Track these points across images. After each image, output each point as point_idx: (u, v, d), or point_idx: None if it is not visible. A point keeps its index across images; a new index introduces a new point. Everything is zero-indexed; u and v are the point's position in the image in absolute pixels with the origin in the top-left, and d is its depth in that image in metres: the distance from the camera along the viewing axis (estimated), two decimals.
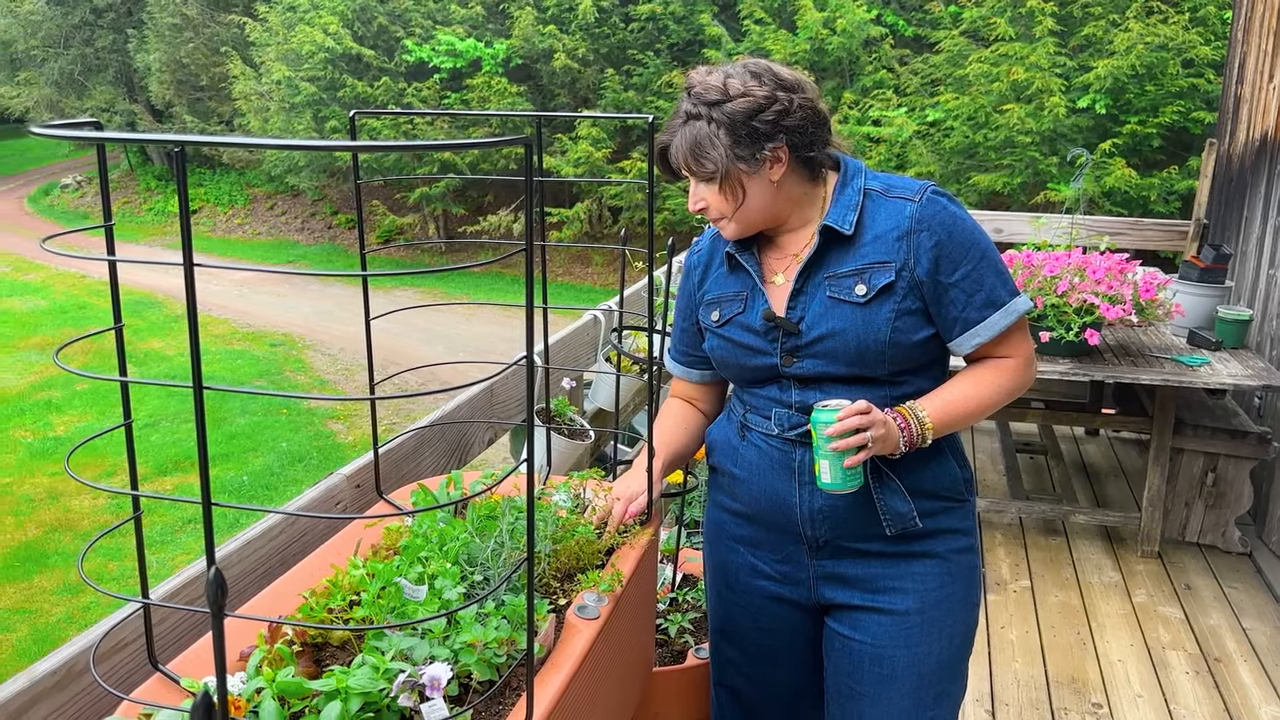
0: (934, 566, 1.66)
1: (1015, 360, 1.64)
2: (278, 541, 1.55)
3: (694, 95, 1.56)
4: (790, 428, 1.64)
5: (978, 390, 1.62)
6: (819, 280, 1.60)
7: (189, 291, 0.89)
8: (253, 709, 1.10)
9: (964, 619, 1.71)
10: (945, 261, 1.55)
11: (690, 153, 1.55)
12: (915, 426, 1.57)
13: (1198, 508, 3.94)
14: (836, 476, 1.52)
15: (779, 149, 1.55)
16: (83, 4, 21.23)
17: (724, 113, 1.53)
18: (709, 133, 1.54)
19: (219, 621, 0.84)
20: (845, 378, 1.60)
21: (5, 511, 7.19)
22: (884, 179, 1.62)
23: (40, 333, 11.87)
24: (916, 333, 1.58)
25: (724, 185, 1.56)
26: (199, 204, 20.07)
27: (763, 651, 1.81)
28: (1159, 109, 10.12)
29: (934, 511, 1.65)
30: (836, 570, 1.68)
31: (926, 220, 1.55)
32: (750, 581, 1.78)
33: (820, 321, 1.58)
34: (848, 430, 1.49)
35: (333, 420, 8.96)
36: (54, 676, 1.15)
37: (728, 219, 1.61)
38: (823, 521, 1.65)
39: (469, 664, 1.19)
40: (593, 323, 2.74)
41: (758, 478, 1.69)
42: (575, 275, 14.99)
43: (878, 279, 1.55)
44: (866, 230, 1.58)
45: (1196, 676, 3.13)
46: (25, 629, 5.75)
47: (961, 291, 1.56)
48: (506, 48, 14.35)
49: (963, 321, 1.58)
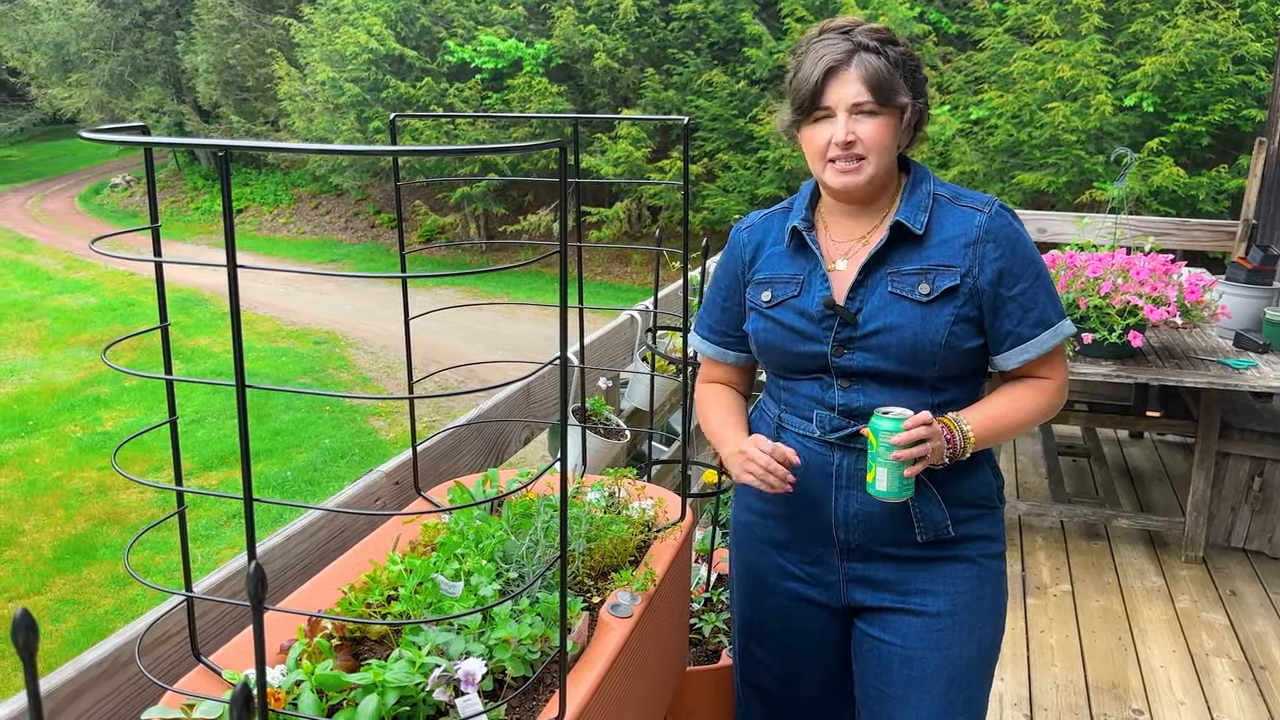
0: (966, 570, 1.67)
1: (1053, 383, 1.66)
2: (318, 537, 1.57)
3: (860, 31, 1.56)
4: (832, 430, 1.64)
5: (1017, 408, 1.64)
6: (881, 275, 1.60)
7: (232, 292, 0.91)
8: (292, 701, 1.12)
9: (993, 624, 1.71)
10: (1007, 275, 1.57)
11: (881, 79, 1.54)
12: (959, 439, 1.57)
13: (1244, 512, 3.88)
14: (893, 485, 1.53)
15: (920, 108, 1.60)
16: (132, 6, 21.60)
17: (898, 54, 1.56)
18: (888, 66, 1.55)
19: (259, 614, 0.85)
20: (892, 376, 1.60)
21: (55, 505, 7.35)
22: (951, 187, 1.64)
23: (90, 329, 12.10)
24: (969, 340, 1.59)
25: (901, 122, 1.58)
26: (245, 203, 20.34)
27: (791, 652, 1.81)
28: (1208, 107, 9.95)
29: (967, 519, 1.66)
30: (867, 573, 1.68)
31: (995, 232, 1.57)
32: (779, 583, 1.77)
33: (878, 315, 1.58)
34: (914, 440, 1.50)
35: (374, 417, 9.05)
36: (100, 666, 1.18)
37: (872, 160, 1.58)
38: (857, 526, 1.65)
39: (503, 660, 1.21)
40: (629, 323, 2.75)
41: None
42: (614, 274, 15.02)
43: (942, 281, 1.57)
44: (934, 233, 1.59)
45: (1240, 684, 3.09)
46: (74, 620, 5.87)
47: (1018, 306, 1.58)
48: (547, 48, 14.40)
49: (1014, 336, 1.60)
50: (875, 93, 1.54)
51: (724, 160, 13.62)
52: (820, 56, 1.56)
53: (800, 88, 1.58)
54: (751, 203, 13.05)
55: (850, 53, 1.54)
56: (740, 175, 13.37)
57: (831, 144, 1.57)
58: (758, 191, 12.99)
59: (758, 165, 13.21)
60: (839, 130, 1.56)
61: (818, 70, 1.55)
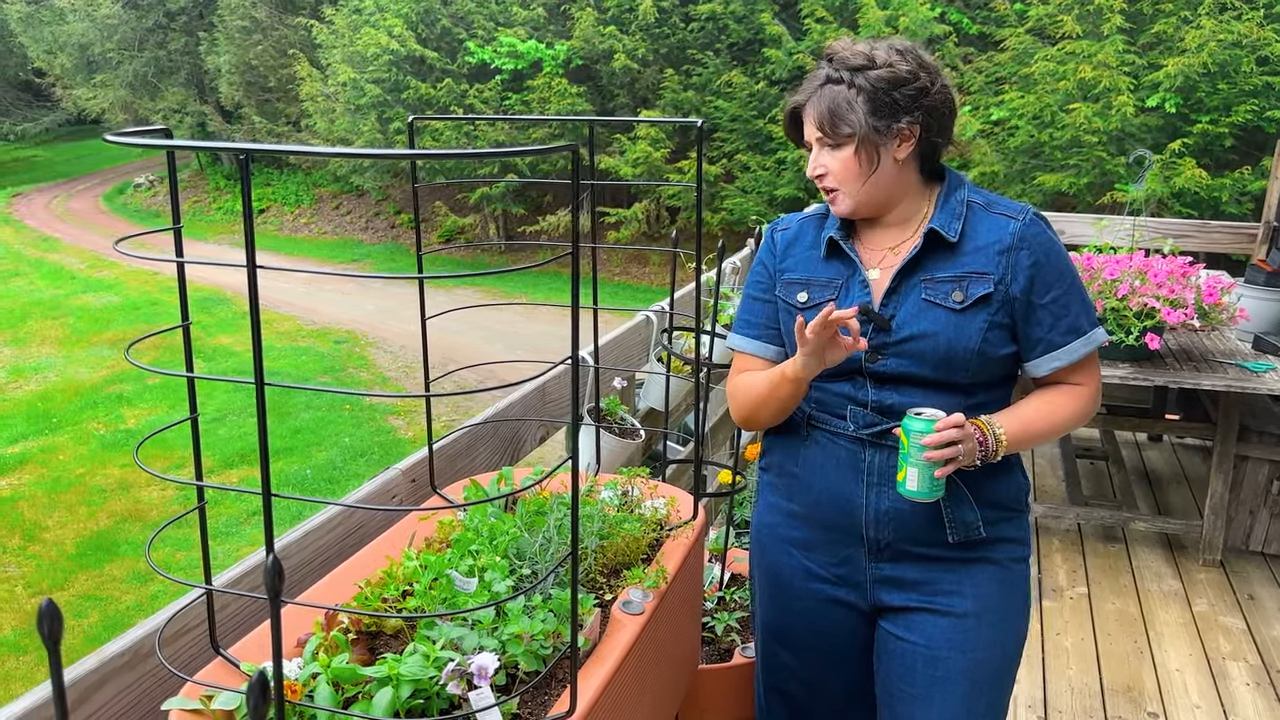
0: (993, 572, 1.67)
1: (1086, 389, 1.67)
2: (336, 533, 1.60)
3: (836, 61, 1.59)
4: (865, 426, 1.65)
5: (1050, 412, 1.65)
6: (915, 282, 1.61)
7: (252, 292, 0.93)
8: (309, 693, 1.14)
9: (1017, 628, 1.72)
10: (1040, 283, 1.58)
11: (828, 114, 1.58)
12: (991, 442, 1.59)
13: (1262, 516, 3.86)
14: (924, 485, 1.54)
15: (912, 126, 1.58)
16: (156, 8, 21.78)
17: (867, 79, 1.56)
18: (848, 97, 1.57)
19: (276, 607, 0.88)
20: (926, 381, 1.61)
21: (78, 502, 7.43)
22: (985, 194, 1.65)
23: (113, 328, 12.21)
24: (1002, 347, 1.61)
25: (858, 151, 1.58)
26: (267, 203, 20.49)
27: (817, 655, 1.81)
28: (1231, 108, 9.88)
29: (996, 520, 1.67)
30: (895, 573, 1.69)
31: (1029, 240, 1.58)
32: (804, 585, 1.77)
33: (912, 322, 1.60)
34: (946, 441, 1.51)
35: (393, 416, 9.11)
36: (123, 657, 1.20)
37: (845, 191, 1.63)
38: (888, 524, 1.65)
39: (516, 655, 1.23)
40: (645, 323, 2.77)
41: (820, 478, 1.70)
42: (633, 275, 15.04)
43: (976, 289, 1.58)
44: (968, 240, 1.61)
45: (1257, 688, 3.07)
46: (96, 615, 5.93)
47: (1049, 314, 1.60)
48: (567, 49, 14.43)
49: (1046, 343, 1.61)
50: (824, 127, 1.59)
51: (743, 161, 13.61)
52: (797, 92, 1.65)
53: (784, 125, 1.69)
54: (770, 203, 13.05)
55: (818, 87, 1.60)
56: (759, 176, 13.36)
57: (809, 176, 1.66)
58: (776, 192, 12.98)
59: (776, 166, 13.20)
60: (809, 164, 1.66)
61: (788, 110, 1.66)
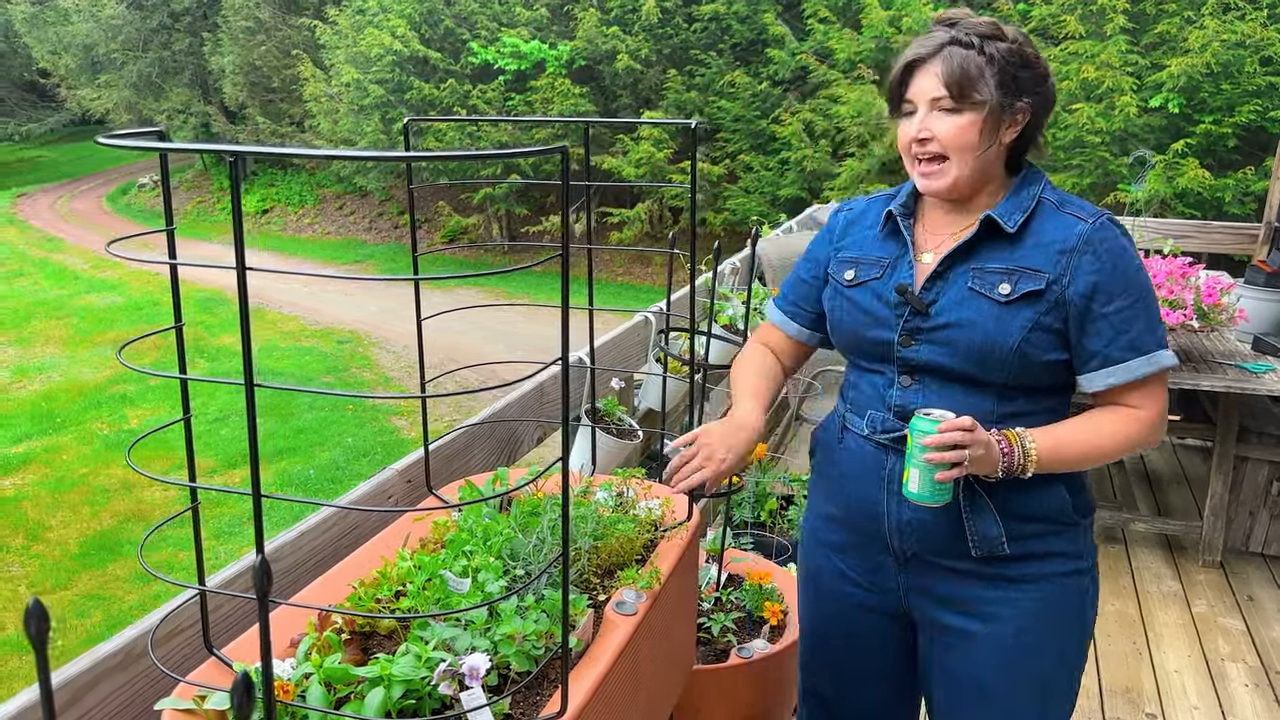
0: (1032, 592, 1.59)
1: (1145, 414, 1.54)
2: (331, 533, 1.60)
3: (963, 25, 1.51)
4: (882, 430, 1.61)
5: (1096, 436, 1.54)
6: (964, 269, 1.54)
7: (241, 294, 0.93)
8: (300, 693, 1.15)
9: (1065, 645, 1.62)
10: (1102, 291, 1.48)
11: (961, 74, 1.48)
12: (1018, 456, 1.50)
13: (1262, 517, 3.85)
14: (924, 488, 1.48)
15: (1026, 111, 1.52)
16: (160, 9, 21.83)
17: (998, 49, 1.49)
18: (979, 63, 1.48)
19: (264, 607, 0.88)
20: (957, 376, 1.55)
21: (81, 501, 7.44)
22: (1061, 194, 1.57)
23: (116, 328, 12.24)
24: (1046, 353, 1.51)
25: (985, 121, 1.49)
26: (271, 204, 20.54)
27: (852, 660, 1.78)
28: (1235, 108, 9.87)
29: (1035, 534, 1.58)
30: (925, 584, 1.64)
31: (1095, 244, 1.49)
32: (839, 589, 1.74)
33: (952, 309, 1.53)
34: (946, 444, 1.44)
35: (396, 416, 9.12)
36: (115, 658, 1.21)
37: (955, 161, 1.52)
38: (910, 534, 1.60)
39: (508, 655, 1.23)
40: (643, 324, 2.77)
41: (850, 482, 1.67)
42: (635, 275, 15.05)
43: (1025, 284, 1.50)
44: (1029, 236, 1.53)
45: (1256, 689, 3.07)
46: (99, 615, 5.95)
47: (1110, 325, 1.49)
48: (570, 49, 14.45)
49: (1102, 357, 1.51)
50: (952, 88, 1.48)
51: (746, 161, 13.62)
52: (911, 49, 1.53)
53: (889, 80, 1.57)
54: (773, 203, 13.05)
55: (941, 46, 1.50)
56: (762, 176, 13.37)
57: (911, 139, 1.54)
58: (779, 193, 12.98)
59: (780, 166, 13.21)
60: (913, 125, 1.53)
61: (901, 63, 1.53)
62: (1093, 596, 1.65)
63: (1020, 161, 1.60)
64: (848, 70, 12.53)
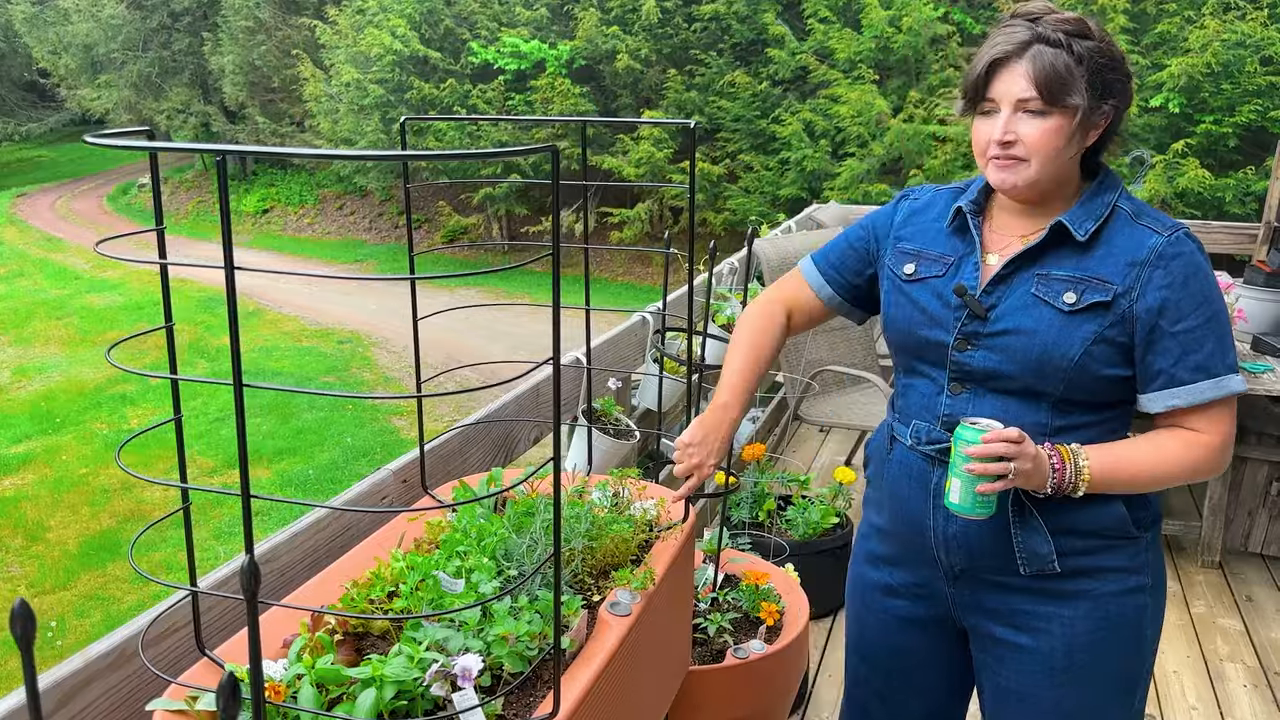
0: (1085, 609, 1.53)
1: (1211, 439, 1.46)
2: (324, 534, 1.60)
3: (1047, 21, 1.41)
4: (928, 441, 1.55)
5: (1157, 458, 1.46)
6: (1028, 275, 1.48)
7: (229, 292, 0.93)
8: (292, 694, 1.14)
9: (1122, 664, 1.56)
10: (1172, 308, 1.41)
11: (1052, 76, 1.39)
12: (1070, 473, 1.44)
13: (1261, 517, 3.85)
14: (965, 500, 1.43)
15: (1110, 113, 1.44)
16: (160, 8, 21.84)
17: (1085, 48, 1.40)
18: (1068, 63, 1.39)
19: (253, 607, 0.88)
20: (1011, 386, 1.48)
21: (82, 502, 7.45)
22: (1138, 204, 1.49)
23: (117, 328, 12.24)
24: (1108, 367, 1.45)
25: (1080, 124, 1.41)
26: (271, 204, 20.55)
27: (896, 673, 1.74)
28: (1236, 108, 9.88)
29: (1089, 550, 1.51)
30: (975, 599, 1.60)
31: (1168, 258, 1.42)
32: (885, 601, 1.71)
33: (1012, 315, 1.47)
34: (990, 455, 1.39)
35: (396, 416, 9.12)
36: (107, 658, 1.21)
37: (1037, 164, 1.44)
38: (957, 549, 1.55)
39: (501, 656, 1.23)
40: (641, 324, 2.77)
41: (897, 495, 1.62)
42: (636, 276, 15.05)
43: (1092, 295, 1.43)
44: (1100, 245, 1.45)
45: (1255, 690, 3.07)
46: (99, 615, 5.95)
47: (1178, 344, 1.42)
48: (570, 49, 14.45)
49: (1167, 376, 1.44)
50: (1043, 90, 1.40)
51: (746, 161, 13.62)
52: (993, 45, 1.44)
53: (968, 76, 1.48)
54: (773, 203, 13.06)
55: (1026, 44, 1.41)
56: (762, 176, 13.37)
57: (991, 141, 1.46)
58: (780, 193, 12.98)
59: (780, 166, 13.21)
60: (998, 128, 1.44)
61: (984, 60, 1.44)
62: (1153, 614, 1.57)
63: (1095, 163, 1.53)
64: (848, 70, 12.53)
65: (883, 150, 11.90)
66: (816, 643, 3.16)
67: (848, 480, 3.25)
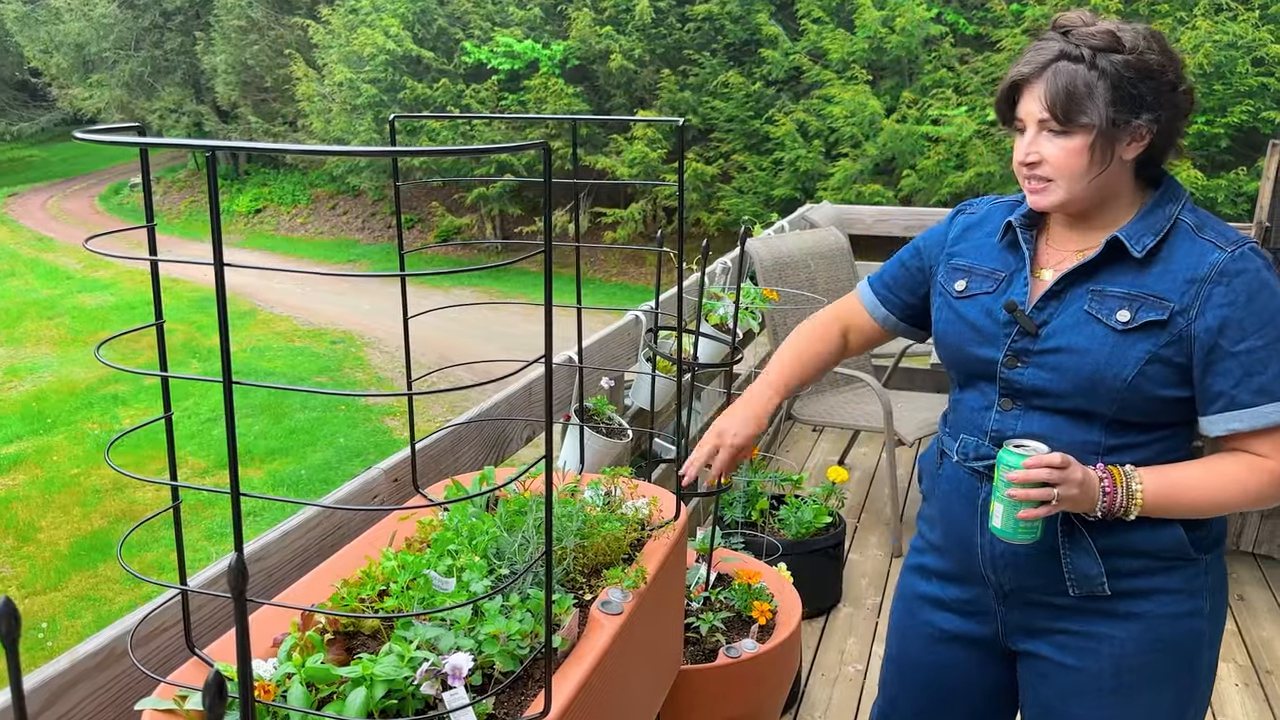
0: (1136, 630, 1.47)
1: (1276, 465, 1.39)
2: (315, 533, 1.59)
3: (1075, 35, 1.38)
4: (975, 457, 1.52)
5: (1215, 483, 1.40)
6: (1082, 291, 1.43)
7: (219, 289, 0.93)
8: (282, 693, 1.14)
9: (1173, 690, 1.50)
10: (1234, 326, 1.35)
11: (1065, 96, 1.36)
12: (1121, 497, 1.39)
13: (1253, 516, 3.86)
14: (1008, 525, 1.40)
15: (1150, 126, 1.37)
16: (152, 7, 21.78)
17: (1112, 63, 1.35)
18: (1088, 79, 1.35)
19: (241, 606, 0.87)
20: (1064, 404, 1.44)
21: (73, 502, 7.42)
22: (1202, 216, 1.43)
23: (109, 328, 12.21)
24: (1164, 388, 1.39)
25: (1095, 144, 1.37)
26: (263, 203, 20.51)
27: (935, 690, 1.70)
28: (1227, 108, 9.91)
29: (1142, 570, 1.46)
30: (1026, 619, 1.55)
31: (1230, 275, 1.35)
32: (932, 613, 1.67)
33: (1064, 333, 1.42)
34: (1033, 481, 1.35)
35: (389, 417, 9.10)
36: (95, 658, 1.20)
37: (1062, 184, 1.41)
38: (1005, 568, 1.51)
39: (492, 655, 1.22)
40: (634, 323, 2.76)
41: (947, 511, 1.58)
42: (629, 275, 15.05)
43: (1147, 313, 1.37)
44: (1159, 261, 1.40)
45: (1246, 689, 3.07)
46: (90, 616, 5.93)
47: (1239, 365, 1.35)
48: (563, 49, 14.45)
49: (1227, 399, 1.37)
50: (1055, 111, 1.37)
51: (739, 161, 13.64)
52: (1020, 62, 1.42)
53: (997, 95, 1.47)
54: (767, 203, 13.07)
55: (1049, 62, 1.38)
56: (756, 176, 13.39)
57: (1019, 162, 1.45)
58: (773, 193, 13.00)
59: (773, 166, 13.22)
60: (1020, 148, 1.43)
61: (1006, 82, 1.44)
62: (1210, 639, 1.51)
63: (1157, 173, 1.47)
64: (841, 70, 12.55)
65: (876, 150, 11.91)
66: (809, 642, 3.16)
67: (840, 480, 3.25)
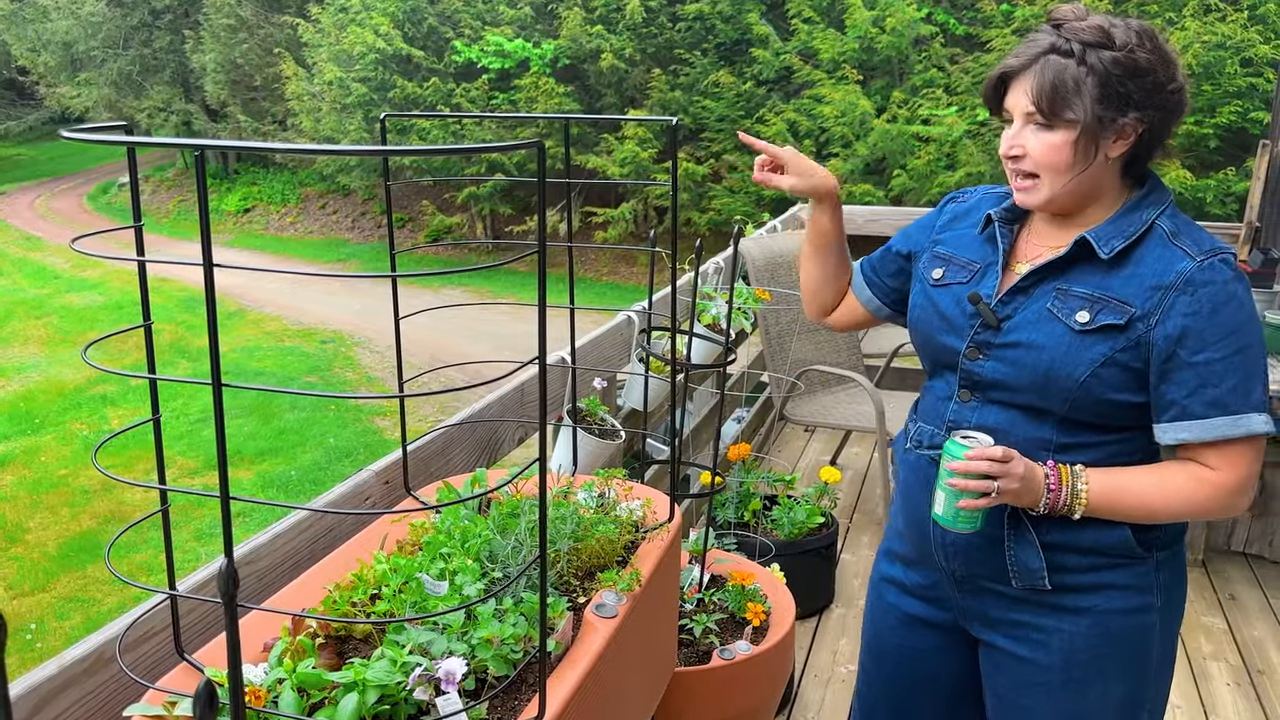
0: (1084, 624, 1.49)
1: (1224, 479, 1.39)
2: (306, 536, 1.58)
3: (1066, 29, 1.38)
4: (929, 445, 1.55)
5: (1161, 491, 1.41)
6: (1049, 288, 1.44)
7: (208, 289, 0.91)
8: (273, 699, 1.12)
9: (1121, 686, 1.52)
10: (1194, 337, 1.35)
11: (1051, 90, 1.36)
12: (1066, 496, 1.41)
13: (1244, 516, 3.87)
14: (948, 513, 1.43)
15: (1137, 124, 1.38)
16: (141, 6, 21.69)
17: (1101, 59, 1.35)
18: (1076, 75, 1.35)
19: (231, 611, 0.86)
20: (1018, 400, 1.45)
21: (61, 503, 7.38)
22: (1180, 223, 1.42)
23: (97, 328, 12.16)
24: (1117, 392, 1.40)
25: (1080, 140, 1.37)
26: (253, 203, 20.44)
27: (905, 673, 1.73)
28: (1216, 109, 9.94)
29: (1088, 567, 1.47)
30: (980, 607, 1.58)
31: (1196, 285, 1.35)
32: (899, 598, 1.70)
33: (1024, 328, 1.44)
34: (973, 473, 1.38)
35: (379, 417, 9.07)
36: (83, 663, 1.19)
37: (1046, 180, 1.42)
38: (955, 555, 1.54)
39: (486, 659, 1.21)
40: (626, 323, 2.75)
41: (908, 496, 1.62)
42: (621, 275, 15.04)
43: (1106, 316, 1.38)
44: (1127, 264, 1.40)
45: (1238, 688, 3.08)
46: (78, 617, 5.90)
47: (1195, 376, 1.35)
48: (554, 48, 14.43)
49: (1179, 408, 1.37)
50: (1041, 105, 1.37)
51: (730, 161, 13.64)
52: (1011, 55, 1.43)
53: (984, 86, 1.47)
54: (758, 203, 13.07)
55: (1038, 55, 1.38)
56: (747, 176, 13.38)
57: (1003, 155, 1.46)
58: (765, 192, 12.99)
59: None
60: (1004, 140, 1.44)
61: (995, 73, 1.44)
62: (1163, 634, 1.53)
63: (1144, 173, 1.47)
64: (832, 70, 12.56)
65: (866, 150, 11.92)
66: (802, 643, 3.16)
67: (833, 480, 3.24)
